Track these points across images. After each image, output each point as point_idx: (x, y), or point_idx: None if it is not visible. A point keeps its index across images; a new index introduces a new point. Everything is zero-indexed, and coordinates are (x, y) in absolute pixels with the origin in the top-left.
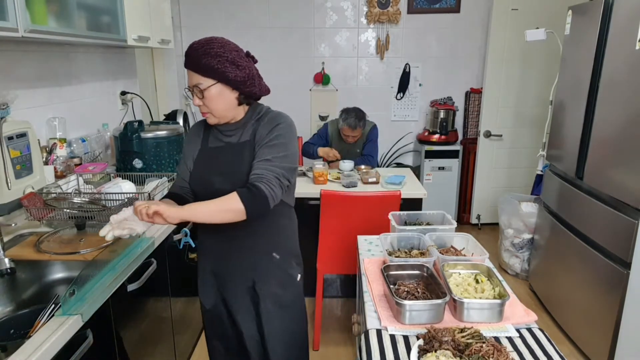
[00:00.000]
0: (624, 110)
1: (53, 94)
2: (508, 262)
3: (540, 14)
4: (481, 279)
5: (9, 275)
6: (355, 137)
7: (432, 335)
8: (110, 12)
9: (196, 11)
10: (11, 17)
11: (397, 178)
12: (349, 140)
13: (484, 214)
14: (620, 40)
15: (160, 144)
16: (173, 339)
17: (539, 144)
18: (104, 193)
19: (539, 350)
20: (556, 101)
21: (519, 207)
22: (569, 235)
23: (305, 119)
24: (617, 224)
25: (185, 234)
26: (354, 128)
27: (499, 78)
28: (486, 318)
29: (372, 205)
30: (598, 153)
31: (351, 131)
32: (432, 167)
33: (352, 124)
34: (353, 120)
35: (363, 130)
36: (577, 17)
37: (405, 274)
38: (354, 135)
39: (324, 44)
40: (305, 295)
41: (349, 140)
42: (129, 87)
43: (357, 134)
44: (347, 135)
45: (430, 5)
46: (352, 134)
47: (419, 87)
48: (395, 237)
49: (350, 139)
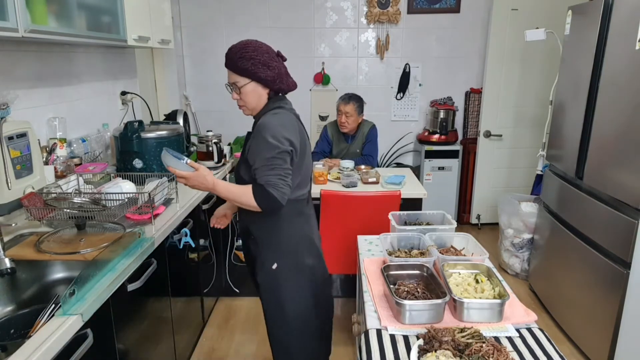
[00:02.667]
0: (624, 110)
1: (53, 94)
2: (508, 262)
3: (540, 14)
4: (481, 278)
5: (9, 275)
6: (349, 117)
7: (432, 335)
8: (111, 12)
9: (196, 11)
10: (11, 17)
11: (397, 178)
12: (343, 126)
13: (484, 214)
14: (620, 40)
15: (161, 144)
16: (173, 339)
17: (539, 144)
18: (104, 193)
19: (539, 350)
20: (556, 101)
21: (519, 207)
22: (569, 235)
23: (305, 119)
24: (617, 224)
25: (185, 234)
26: (347, 102)
27: (499, 78)
28: (486, 318)
29: (372, 205)
30: (598, 153)
31: (344, 105)
32: (432, 167)
33: (345, 97)
34: (346, 95)
35: (357, 110)
36: (577, 17)
37: (405, 274)
38: (347, 113)
39: (324, 44)
40: None
41: (342, 126)
42: (129, 87)
43: (349, 110)
44: (341, 114)
45: (430, 5)
46: (345, 109)
47: (419, 87)
48: (395, 237)
49: (343, 122)
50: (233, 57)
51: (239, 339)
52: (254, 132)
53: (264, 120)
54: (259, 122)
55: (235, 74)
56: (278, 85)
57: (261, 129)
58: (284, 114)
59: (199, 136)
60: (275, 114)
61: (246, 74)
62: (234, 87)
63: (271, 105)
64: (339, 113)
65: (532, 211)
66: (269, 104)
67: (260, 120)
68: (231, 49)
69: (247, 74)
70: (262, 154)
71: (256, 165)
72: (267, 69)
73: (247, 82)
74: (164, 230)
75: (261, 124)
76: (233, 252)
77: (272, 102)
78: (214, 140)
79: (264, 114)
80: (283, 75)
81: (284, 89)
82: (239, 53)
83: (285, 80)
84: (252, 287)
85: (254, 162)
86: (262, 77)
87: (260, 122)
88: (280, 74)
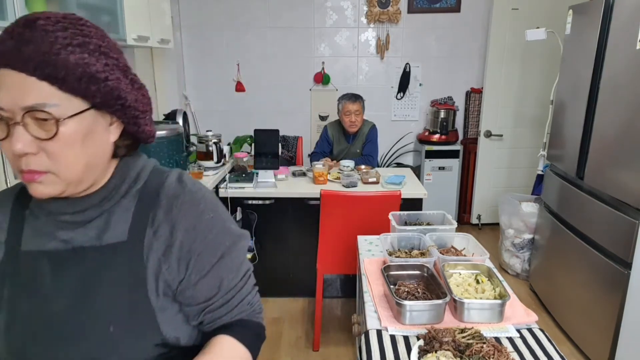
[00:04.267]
0: (625, 110)
1: None
2: (508, 262)
3: (540, 14)
4: (481, 279)
5: None
6: (358, 115)
7: (433, 336)
8: (110, 11)
9: (196, 11)
10: (11, 17)
11: (397, 178)
12: (353, 125)
13: (484, 214)
14: (621, 40)
15: (160, 144)
16: None
17: (540, 143)
18: None
19: (540, 350)
20: (556, 101)
21: (519, 207)
22: (570, 235)
23: (305, 119)
24: (618, 224)
25: None
26: (354, 101)
27: (499, 78)
28: (487, 318)
29: (372, 205)
30: (598, 153)
31: (352, 104)
32: (432, 167)
33: (351, 96)
34: (351, 94)
35: (363, 109)
36: (578, 16)
37: (406, 274)
38: (357, 111)
39: (324, 43)
40: (305, 295)
41: (352, 125)
42: None
43: (358, 109)
44: (350, 114)
45: (430, 5)
46: (354, 108)
47: (419, 87)
48: (395, 237)
49: (353, 122)
50: (39, 42)
51: None
52: (176, 215)
53: (187, 190)
54: (175, 194)
55: (47, 83)
56: (142, 123)
57: (199, 202)
58: None
59: (199, 136)
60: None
61: (79, 86)
62: (30, 122)
63: (134, 168)
64: (347, 113)
65: (533, 211)
66: (122, 168)
67: (169, 189)
68: (35, 23)
69: (80, 88)
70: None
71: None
72: (128, 83)
73: (79, 109)
74: None
75: (191, 196)
76: None
77: (129, 165)
78: (213, 140)
79: (129, 188)
80: (149, 103)
81: (147, 132)
82: (58, 34)
83: (150, 113)
84: None
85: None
86: (119, 96)
87: (185, 193)
88: (148, 98)
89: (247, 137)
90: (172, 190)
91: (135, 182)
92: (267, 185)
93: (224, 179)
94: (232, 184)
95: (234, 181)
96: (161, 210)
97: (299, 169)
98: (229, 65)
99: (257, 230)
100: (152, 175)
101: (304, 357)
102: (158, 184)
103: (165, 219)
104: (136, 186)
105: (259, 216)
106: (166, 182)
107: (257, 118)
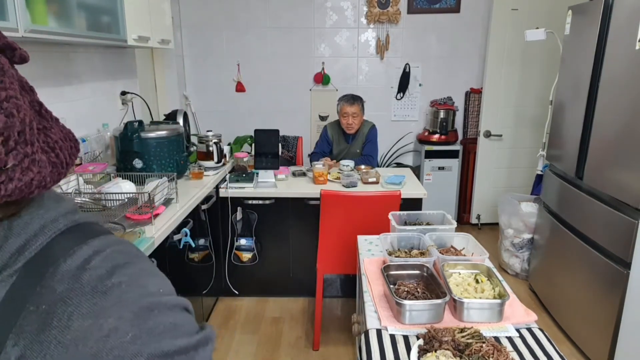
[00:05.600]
0: (624, 110)
1: (53, 94)
2: (508, 262)
3: (540, 14)
4: (481, 278)
5: None
6: (356, 117)
7: (432, 335)
8: (110, 12)
9: (196, 11)
10: (11, 17)
11: (397, 178)
12: (349, 127)
13: (484, 214)
14: (620, 40)
15: (161, 144)
16: None
17: (539, 144)
18: (104, 193)
19: (539, 350)
20: (556, 101)
21: (519, 207)
22: (569, 235)
23: (305, 119)
24: (617, 224)
25: (185, 234)
26: (352, 103)
27: (499, 78)
28: (486, 318)
29: (372, 205)
30: (598, 153)
31: (350, 106)
32: (432, 167)
33: (349, 98)
34: (349, 95)
35: (362, 110)
36: (577, 17)
37: (405, 274)
38: (354, 114)
39: (324, 44)
40: (305, 295)
41: (349, 127)
42: (129, 87)
43: (356, 111)
44: (347, 116)
45: (430, 5)
46: (352, 110)
47: (419, 87)
48: (395, 237)
49: (350, 124)
50: None
51: (238, 339)
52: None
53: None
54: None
55: None
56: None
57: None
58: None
59: (199, 136)
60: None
61: None
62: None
63: (26, 235)
64: (344, 115)
65: (532, 211)
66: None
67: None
68: None
69: None
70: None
71: None
72: None
73: None
74: (164, 230)
75: (111, 272)
76: (233, 252)
77: (11, 230)
78: (214, 140)
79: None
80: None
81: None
82: None
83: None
84: (252, 287)
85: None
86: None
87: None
88: (32, 128)
89: (247, 137)
90: (63, 284)
91: (20, 254)
92: (267, 185)
93: (224, 179)
94: (232, 184)
95: (234, 181)
96: (35, 317)
97: (299, 169)
98: (229, 66)
99: (257, 230)
100: (56, 245)
101: (304, 357)
102: (52, 263)
103: (35, 338)
104: (20, 260)
105: (259, 216)
106: (63, 264)
107: (257, 118)
